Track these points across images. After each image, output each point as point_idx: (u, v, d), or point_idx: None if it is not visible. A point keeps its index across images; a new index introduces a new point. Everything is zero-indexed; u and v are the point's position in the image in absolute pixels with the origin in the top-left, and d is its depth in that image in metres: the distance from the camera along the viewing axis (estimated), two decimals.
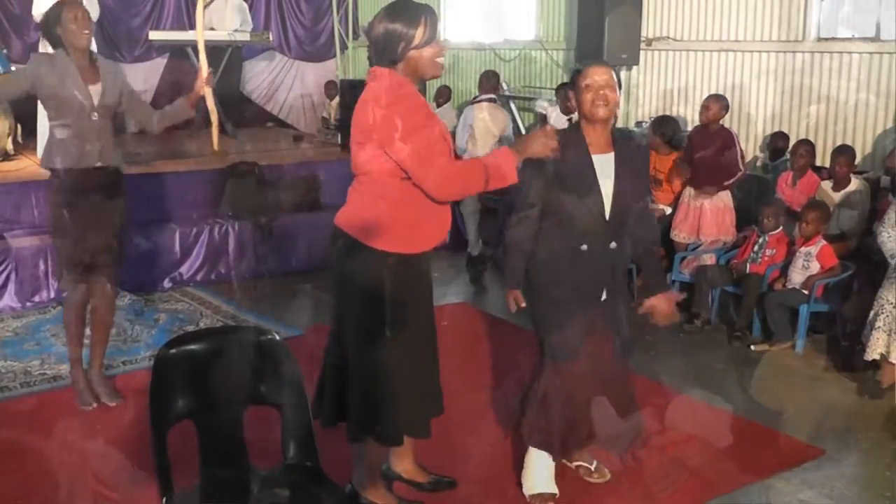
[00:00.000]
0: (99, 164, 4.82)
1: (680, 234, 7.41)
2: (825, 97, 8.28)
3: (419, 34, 3.45)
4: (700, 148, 7.35)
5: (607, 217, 3.82)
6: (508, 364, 5.67)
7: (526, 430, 4.08)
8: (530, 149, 3.54)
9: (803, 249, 6.34)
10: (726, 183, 7.23)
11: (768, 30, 8.65)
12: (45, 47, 5.55)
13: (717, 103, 7.31)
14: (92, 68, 4.82)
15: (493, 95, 8.47)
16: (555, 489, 4.11)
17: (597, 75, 3.81)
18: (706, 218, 7.27)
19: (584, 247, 3.83)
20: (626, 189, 3.85)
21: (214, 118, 5.58)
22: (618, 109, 3.92)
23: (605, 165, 3.83)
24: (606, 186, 3.82)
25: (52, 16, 4.78)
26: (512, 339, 6.03)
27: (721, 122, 7.37)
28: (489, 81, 8.50)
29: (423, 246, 3.65)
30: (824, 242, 6.34)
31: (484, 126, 8.19)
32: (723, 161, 7.25)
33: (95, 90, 4.78)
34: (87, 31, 4.75)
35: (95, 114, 4.78)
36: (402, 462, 4.13)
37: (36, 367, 5.69)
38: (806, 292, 6.23)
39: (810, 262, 6.29)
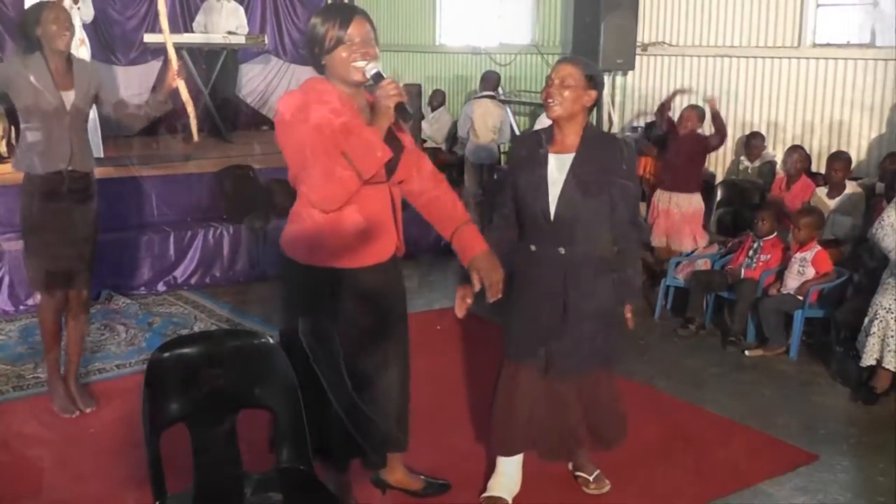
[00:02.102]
0: (70, 168, 4.75)
1: (655, 239, 7.46)
2: (820, 103, 8.31)
3: (329, 36, 3.31)
4: (676, 151, 7.38)
5: (552, 218, 3.71)
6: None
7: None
8: (382, 109, 3.30)
9: (798, 255, 6.35)
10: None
11: (764, 35, 8.67)
12: None
13: (696, 114, 7.40)
14: (67, 72, 4.74)
15: (493, 93, 9.61)
16: (507, 497, 4.08)
17: (554, 72, 3.70)
18: (681, 221, 7.32)
19: (533, 247, 3.79)
20: (577, 191, 3.69)
21: (190, 109, 5.54)
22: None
23: (560, 165, 3.72)
24: (555, 187, 3.70)
25: (31, 16, 4.69)
26: (501, 341, 6.02)
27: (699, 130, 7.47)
28: (489, 80, 9.60)
29: (353, 262, 3.45)
30: (819, 248, 6.35)
31: (483, 119, 9.31)
32: (696, 165, 7.36)
33: (69, 95, 4.71)
34: (66, 33, 4.66)
35: (67, 117, 4.71)
36: (393, 471, 4.04)
37: (29, 371, 5.67)
38: (801, 298, 6.23)
39: (805, 268, 6.30)
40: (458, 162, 10.01)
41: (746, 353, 6.29)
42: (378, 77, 3.34)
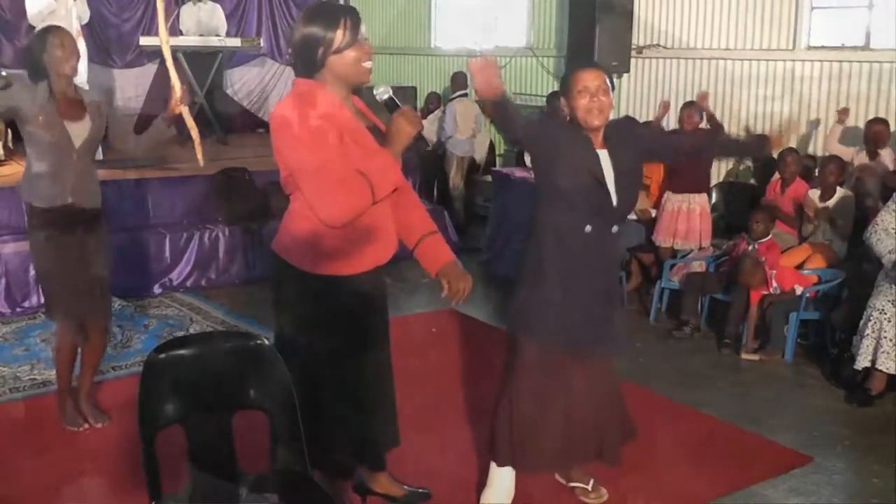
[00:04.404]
0: (72, 202, 4.63)
1: (660, 239, 7.48)
2: (815, 105, 8.33)
3: (339, 37, 3.21)
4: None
5: (614, 204, 3.73)
6: (495, 370, 5.66)
7: (495, 448, 4.00)
8: (400, 136, 3.26)
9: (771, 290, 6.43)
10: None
11: (758, 38, 8.69)
12: None
13: (696, 110, 7.41)
14: (77, 104, 4.63)
15: (465, 91, 10.41)
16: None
17: (590, 80, 3.68)
18: (687, 221, 7.34)
19: (589, 228, 3.72)
20: (628, 179, 3.78)
21: (195, 134, 5.48)
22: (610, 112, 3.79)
23: (604, 161, 3.74)
24: (610, 181, 3.71)
25: (37, 42, 4.59)
26: (498, 344, 6.02)
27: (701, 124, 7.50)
28: (460, 80, 10.48)
29: (349, 268, 3.39)
30: (775, 271, 6.43)
31: (464, 116, 10.27)
32: (702, 164, 7.38)
33: (77, 129, 4.59)
34: (73, 59, 4.57)
35: (75, 154, 4.60)
36: (376, 477, 3.99)
37: (25, 373, 5.68)
38: (799, 290, 6.29)
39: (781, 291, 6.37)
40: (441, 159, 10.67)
41: (743, 356, 6.30)
42: (392, 102, 3.31)
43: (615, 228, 3.81)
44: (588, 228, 3.73)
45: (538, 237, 3.83)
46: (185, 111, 4.92)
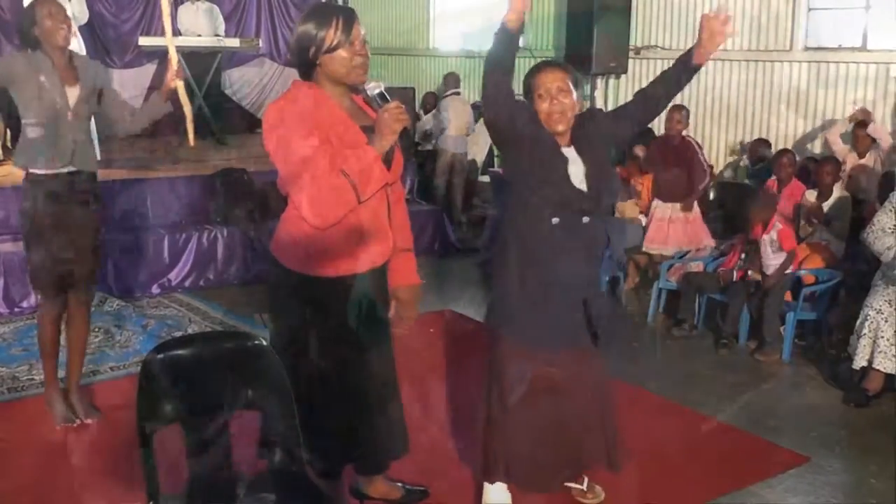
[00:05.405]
0: (72, 167, 4.64)
1: (651, 247, 7.50)
2: (812, 106, 8.35)
3: (330, 36, 3.22)
4: (664, 160, 7.41)
5: (586, 190, 3.60)
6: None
7: (491, 467, 3.88)
8: (386, 132, 3.18)
9: (766, 237, 6.38)
10: (700, 186, 7.47)
11: (756, 39, 8.71)
12: None
13: (680, 113, 7.41)
14: (70, 68, 4.66)
15: (458, 90, 10.82)
16: None
17: (549, 81, 3.58)
18: (676, 229, 7.36)
19: (556, 220, 3.59)
20: (599, 170, 3.64)
21: (188, 111, 5.48)
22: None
23: (573, 160, 3.63)
24: (578, 177, 3.60)
25: (28, 16, 4.62)
26: None
27: (685, 131, 7.48)
28: (453, 80, 10.90)
29: (352, 268, 3.37)
30: (781, 226, 6.43)
31: (457, 114, 10.48)
32: (687, 172, 7.38)
33: (73, 91, 4.62)
34: (63, 27, 4.57)
35: (70, 114, 4.61)
36: (372, 482, 3.99)
37: (24, 373, 5.68)
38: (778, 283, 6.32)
39: (776, 249, 6.37)
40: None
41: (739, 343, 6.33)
42: (382, 98, 3.25)
43: (585, 219, 3.64)
44: (555, 220, 3.61)
45: (508, 232, 3.74)
46: (179, 86, 4.92)
